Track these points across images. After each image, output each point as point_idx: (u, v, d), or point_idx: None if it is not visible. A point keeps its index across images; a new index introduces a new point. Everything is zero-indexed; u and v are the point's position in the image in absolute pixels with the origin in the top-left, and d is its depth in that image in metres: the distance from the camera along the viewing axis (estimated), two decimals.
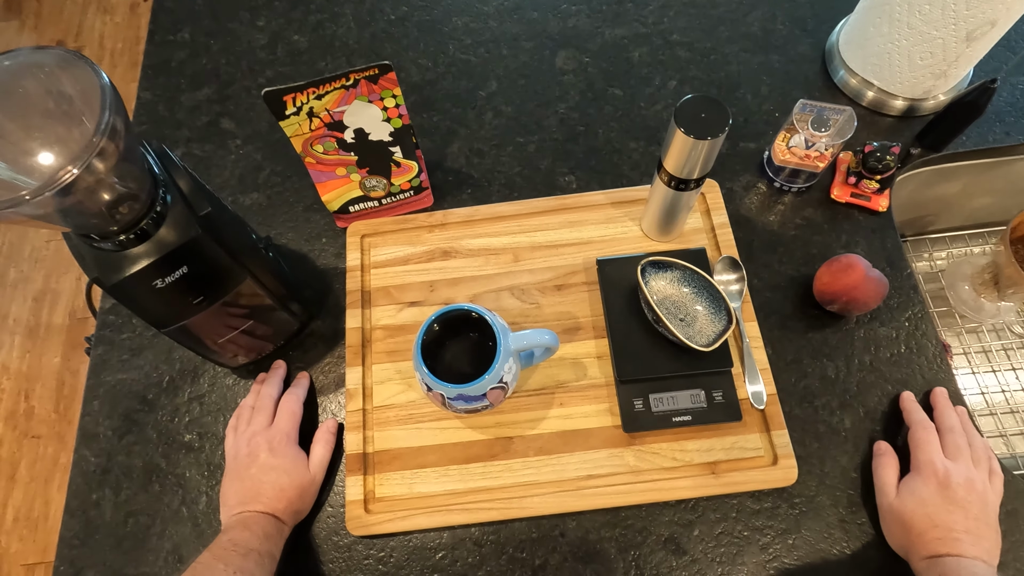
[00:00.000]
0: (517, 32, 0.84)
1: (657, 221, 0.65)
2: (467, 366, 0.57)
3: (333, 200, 0.69)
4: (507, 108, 0.79)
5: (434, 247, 0.69)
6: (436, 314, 0.55)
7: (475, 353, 0.58)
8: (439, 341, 0.57)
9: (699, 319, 0.60)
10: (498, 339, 0.53)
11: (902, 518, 0.53)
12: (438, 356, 0.57)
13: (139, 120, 0.81)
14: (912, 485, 0.54)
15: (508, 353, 0.53)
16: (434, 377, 0.52)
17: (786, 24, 0.82)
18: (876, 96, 0.75)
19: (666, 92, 0.78)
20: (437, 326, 0.55)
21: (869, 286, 0.60)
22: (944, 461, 0.54)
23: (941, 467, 0.53)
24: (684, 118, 0.51)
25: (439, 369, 0.54)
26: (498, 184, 0.74)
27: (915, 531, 0.52)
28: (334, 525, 0.60)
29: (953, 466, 0.54)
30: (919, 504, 0.53)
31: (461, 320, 0.56)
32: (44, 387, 1.59)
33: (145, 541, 0.60)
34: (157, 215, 0.48)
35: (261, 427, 0.60)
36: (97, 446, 0.64)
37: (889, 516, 0.55)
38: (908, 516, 0.53)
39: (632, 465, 0.59)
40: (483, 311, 0.54)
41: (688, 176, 0.56)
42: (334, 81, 0.56)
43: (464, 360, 0.58)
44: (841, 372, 0.63)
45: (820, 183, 0.71)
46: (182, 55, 0.85)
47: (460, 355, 0.58)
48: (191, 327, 0.55)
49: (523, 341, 0.55)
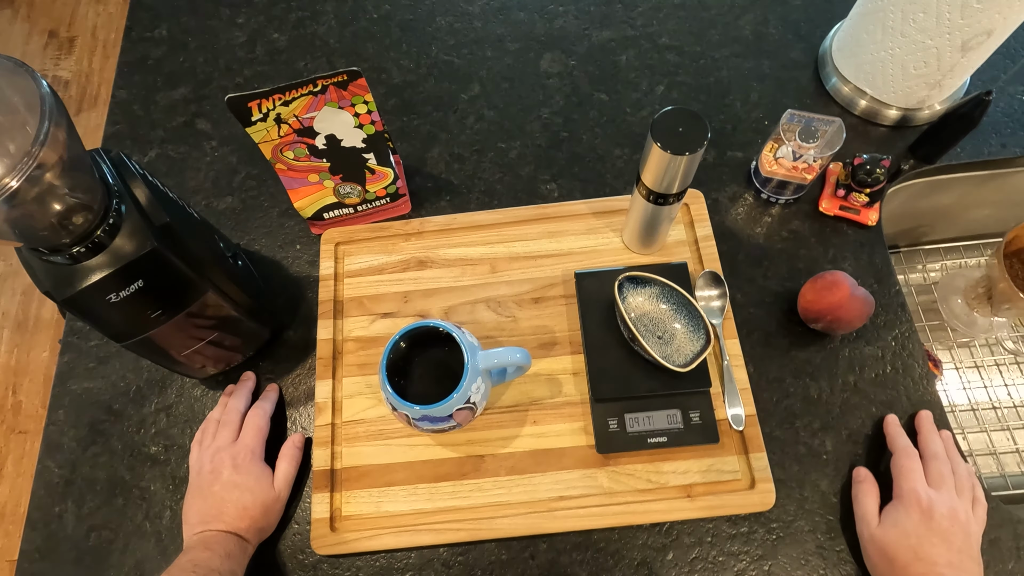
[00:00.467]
0: (502, 33, 0.81)
1: (638, 234, 0.63)
2: (435, 385, 0.56)
3: (306, 207, 0.67)
4: (489, 112, 0.77)
5: (410, 256, 0.67)
6: (402, 331, 0.53)
7: (444, 371, 0.56)
8: (407, 358, 0.55)
9: (677, 337, 0.58)
10: (466, 358, 0.51)
11: (885, 550, 0.51)
12: (406, 373, 0.55)
13: (113, 119, 0.79)
14: (895, 515, 0.52)
15: (476, 372, 0.52)
16: (398, 397, 0.50)
17: (778, 28, 0.79)
18: (869, 105, 0.73)
19: (653, 97, 0.76)
20: (404, 343, 0.54)
21: (854, 305, 0.58)
22: (928, 491, 0.52)
23: (925, 497, 0.52)
24: (661, 132, 0.49)
25: (407, 387, 0.53)
26: (478, 191, 0.72)
27: (899, 564, 0.50)
28: (299, 543, 0.58)
29: (937, 496, 0.52)
30: (902, 535, 0.51)
31: (429, 336, 0.54)
32: (32, 382, 1.58)
33: (107, 557, 0.59)
34: (110, 227, 0.46)
35: (226, 442, 0.58)
36: (61, 456, 0.63)
37: (871, 547, 0.53)
38: (891, 548, 0.51)
39: (606, 487, 0.57)
40: (451, 328, 0.53)
41: (667, 191, 0.54)
42: (301, 87, 0.54)
43: (432, 378, 0.56)
44: (824, 392, 0.61)
45: (808, 195, 0.69)
46: (159, 52, 0.83)
47: (428, 373, 0.56)
48: (152, 340, 0.53)
49: (493, 360, 0.53)
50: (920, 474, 0.54)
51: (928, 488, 0.53)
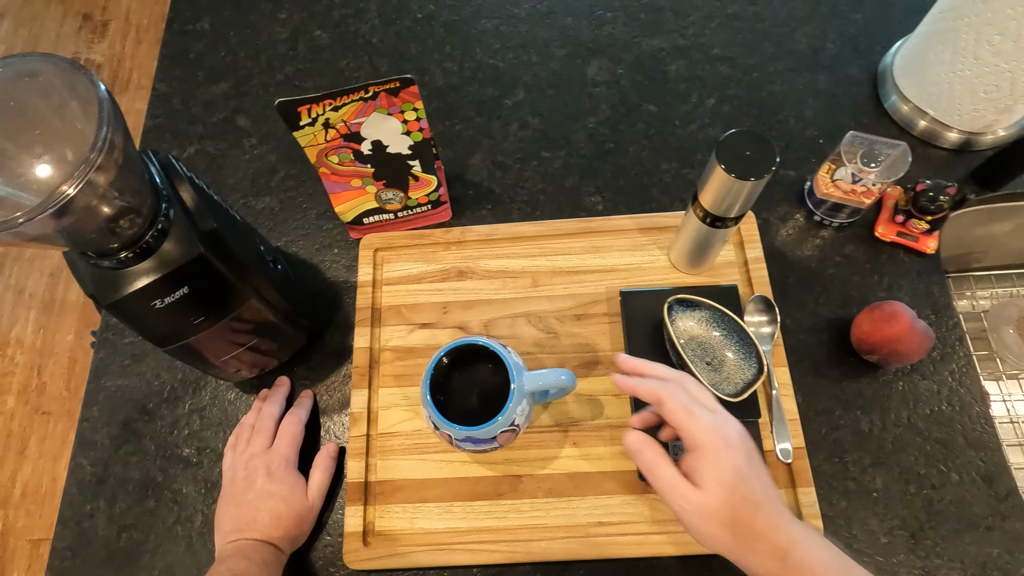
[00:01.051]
0: (549, 38, 0.79)
1: (687, 254, 0.61)
2: (477, 403, 0.54)
3: (347, 211, 0.66)
4: (534, 120, 0.75)
5: (450, 266, 0.66)
6: (446, 348, 0.52)
7: (486, 389, 0.55)
8: (448, 375, 0.54)
9: (727, 365, 0.56)
10: (512, 379, 0.50)
11: (722, 517, 0.41)
12: (447, 390, 0.54)
13: (153, 113, 0.78)
14: (707, 471, 0.41)
15: (522, 394, 0.50)
16: (442, 417, 0.49)
17: (836, 43, 0.76)
18: (929, 126, 0.70)
19: (703, 110, 0.74)
20: (447, 360, 0.52)
21: (914, 338, 0.56)
22: (707, 414, 0.43)
23: (717, 426, 0.42)
24: (726, 154, 0.47)
25: (447, 405, 0.51)
26: (520, 201, 0.71)
27: (741, 524, 0.41)
28: (331, 555, 0.57)
29: (715, 417, 0.43)
30: (731, 489, 0.41)
31: (473, 353, 0.52)
32: (56, 364, 1.59)
33: (137, 558, 0.58)
34: (159, 232, 0.45)
35: (260, 449, 0.57)
36: (94, 454, 0.63)
37: (705, 523, 0.41)
38: (729, 511, 0.41)
39: (647, 515, 0.55)
40: (497, 347, 0.51)
41: (725, 214, 0.52)
42: (352, 93, 0.52)
43: (474, 396, 0.55)
44: (876, 427, 0.59)
45: (864, 219, 0.67)
46: (200, 46, 0.82)
47: (470, 391, 0.55)
48: (193, 345, 0.52)
49: (539, 381, 0.51)
50: (694, 400, 0.44)
51: (704, 411, 0.43)
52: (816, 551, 0.40)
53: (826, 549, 0.40)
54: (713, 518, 0.41)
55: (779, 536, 0.40)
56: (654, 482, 0.43)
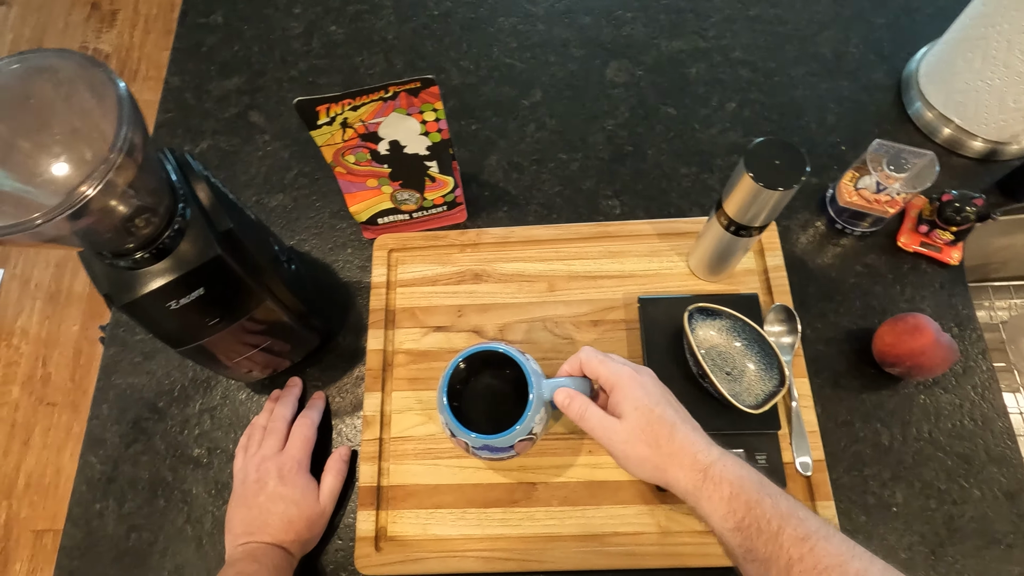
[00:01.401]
0: (567, 38, 0.78)
1: (707, 261, 0.60)
2: (495, 410, 0.54)
3: (362, 211, 0.65)
4: (551, 121, 0.74)
5: (465, 268, 0.65)
6: (464, 353, 0.51)
7: (504, 396, 0.54)
8: (466, 381, 0.53)
9: (747, 375, 0.56)
10: (530, 387, 0.49)
11: (642, 436, 0.45)
12: (464, 397, 0.53)
13: (166, 108, 0.77)
14: (620, 399, 0.46)
15: (541, 403, 0.49)
16: (459, 424, 0.48)
17: (860, 48, 0.75)
18: (953, 135, 0.69)
19: (723, 114, 0.73)
20: (465, 365, 0.52)
21: (938, 352, 0.55)
22: (619, 360, 0.49)
23: (621, 364, 0.48)
24: (755, 163, 0.46)
25: (464, 411, 0.51)
26: (536, 203, 0.70)
27: (661, 440, 0.45)
28: (342, 560, 0.57)
29: (623, 362, 0.49)
30: (646, 410, 0.45)
31: (491, 359, 0.52)
32: (62, 355, 1.59)
33: (147, 558, 0.58)
34: (175, 232, 0.45)
35: (272, 451, 0.57)
36: (103, 452, 0.62)
37: (628, 443, 0.45)
38: (647, 428, 0.45)
39: (662, 525, 0.55)
40: (516, 354, 0.50)
41: (750, 223, 0.51)
42: (372, 93, 0.51)
43: (492, 403, 0.54)
44: (896, 440, 0.58)
45: (886, 228, 0.65)
46: (213, 40, 0.81)
47: (488, 398, 0.54)
48: (206, 347, 0.52)
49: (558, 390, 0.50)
50: (608, 355, 0.50)
51: (617, 360, 0.50)
52: (733, 467, 0.43)
53: (743, 466, 0.43)
54: (638, 440, 0.45)
55: (698, 452, 0.44)
56: (585, 424, 0.48)
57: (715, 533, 0.43)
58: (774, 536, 0.39)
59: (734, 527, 0.41)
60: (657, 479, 0.45)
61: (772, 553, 0.39)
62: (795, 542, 0.39)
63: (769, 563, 0.39)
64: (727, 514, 0.41)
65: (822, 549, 0.38)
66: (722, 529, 0.42)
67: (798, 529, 0.39)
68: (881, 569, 0.37)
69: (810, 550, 0.38)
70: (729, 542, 0.42)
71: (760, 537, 0.40)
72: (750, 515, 0.41)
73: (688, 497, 0.44)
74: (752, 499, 0.41)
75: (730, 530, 0.41)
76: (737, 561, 0.42)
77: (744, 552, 0.41)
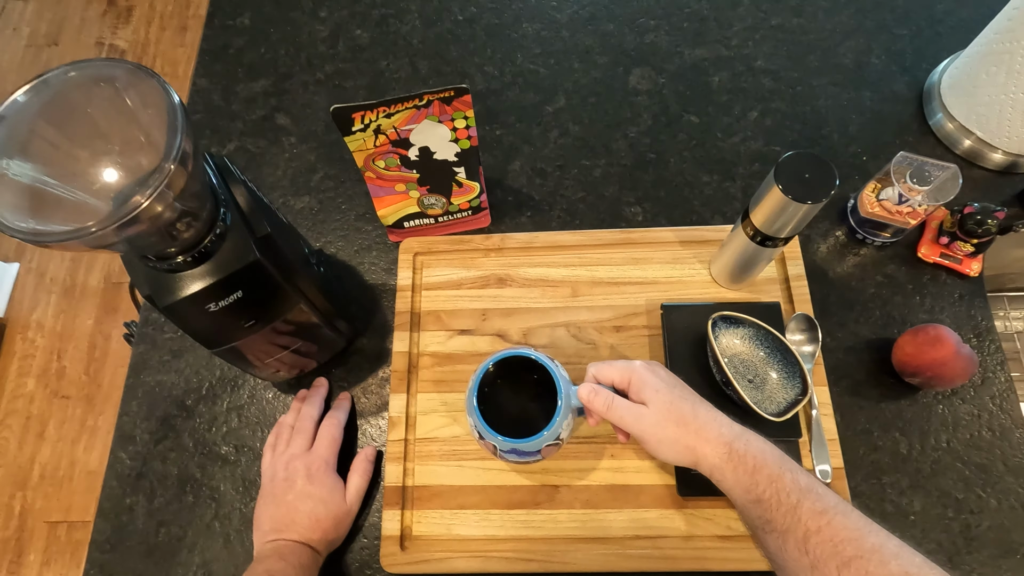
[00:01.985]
0: (590, 44, 0.79)
1: (730, 269, 0.61)
2: (523, 415, 0.55)
3: (388, 215, 0.66)
4: (574, 127, 0.75)
5: (489, 273, 0.66)
6: (495, 358, 0.52)
7: (532, 402, 0.55)
8: (495, 385, 0.54)
9: (769, 383, 0.56)
10: (559, 393, 0.50)
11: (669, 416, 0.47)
12: (493, 400, 0.54)
13: (194, 108, 0.78)
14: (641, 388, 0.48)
15: (569, 409, 0.50)
16: (488, 427, 0.49)
17: (882, 58, 0.76)
18: (973, 146, 0.69)
19: (746, 123, 0.73)
20: (494, 369, 0.52)
21: (958, 363, 0.55)
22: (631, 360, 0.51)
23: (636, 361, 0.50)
24: (785, 175, 0.47)
25: (493, 415, 0.51)
26: (559, 209, 0.71)
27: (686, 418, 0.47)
28: (367, 558, 0.58)
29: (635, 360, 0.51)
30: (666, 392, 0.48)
31: (520, 365, 0.53)
32: (76, 348, 1.60)
33: (176, 554, 0.59)
34: (216, 237, 0.46)
35: (300, 450, 0.58)
36: (133, 449, 0.63)
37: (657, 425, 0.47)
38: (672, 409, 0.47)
39: (683, 530, 0.56)
40: (546, 360, 0.51)
41: (776, 234, 0.52)
42: (407, 101, 0.52)
43: (519, 407, 0.55)
44: (915, 449, 0.59)
45: (906, 239, 0.66)
46: (240, 42, 0.82)
47: (516, 402, 0.55)
48: (240, 348, 0.53)
49: None
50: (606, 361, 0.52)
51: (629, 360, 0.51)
52: (756, 441, 0.45)
53: (764, 442, 0.45)
54: (666, 420, 0.47)
55: (722, 427, 0.46)
56: (613, 414, 0.49)
57: (736, 506, 0.45)
58: (793, 509, 0.41)
59: (755, 499, 0.43)
60: (687, 458, 0.46)
61: (790, 525, 0.41)
62: (813, 515, 0.40)
63: (787, 534, 0.41)
64: (750, 486, 0.43)
65: (839, 523, 0.40)
66: (744, 501, 0.44)
67: (816, 503, 0.41)
68: (897, 545, 0.39)
69: (828, 523, 0.40)
70: (749, 514, 0.44)
71: (779, 509, 0.41)
72: (771, 488, 0.42)
73: (715, 471, 0.45)
74: (773, 473, 0.43)
75: (751, 502, 0.43)
76: (755, 533, 0.44)
77: (763, 523, 0.42)
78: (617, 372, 0.50)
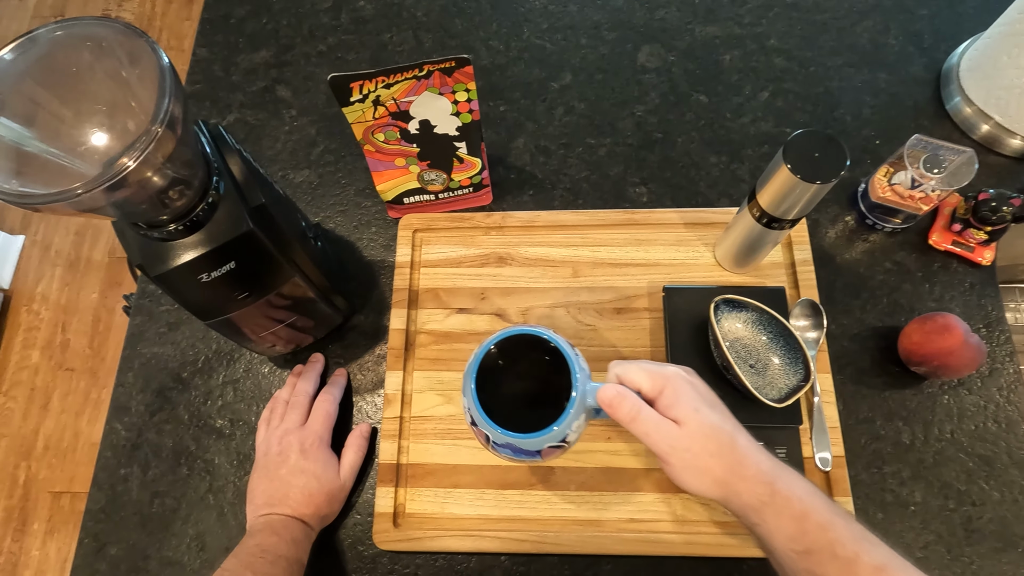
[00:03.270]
0: (599, 20, 0.77)
1: (735, 252, 0.59)
2: (526, 405, 0.50)
3: (388, 190, 0.65)
4: (580, 105, 0.73)
5: (489, 251, 0.65)
6: (502, 334, 0.46)
7: (539, 391, 0.50)
8: (497, 365, 0.48)
9: (771, 369, 0.55)
10: (574, 385, 0.43)
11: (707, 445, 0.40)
12: (492, 383, 0.46)
13: (193, 79, 0.77)
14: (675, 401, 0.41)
15: (583, 407, 0.44)
16: (484, 413, 0.45)
17: (900, 39, 0.73)
18: (991, 131, 0.67)
19: (756, 104, 0.72)
20: (498, 348, 0.47)
21: (966, 353, 0.54)
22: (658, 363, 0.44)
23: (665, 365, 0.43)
24: (794, 154, 0.45)
25: (490, 400, 0.45)
26: (562, 188, 0.69)
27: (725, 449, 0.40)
28: (360, 534, 0.58)
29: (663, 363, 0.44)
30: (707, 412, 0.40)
31: (531, 346, 0.46)
32: (80, 321, 1.61)
33: (170, 524, 0.59)
34: (208, 206, 0.45)
35: (294, 425, 0.57)
36: (128, 420, 0.63)
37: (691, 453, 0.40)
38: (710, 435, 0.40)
39: (679, 514, 0.55)
40: (564, 345, 0.45)
41: (783, 215, 0.50)
42: (407, 71, 0.51)
43: (523, 396, 0.51)
44: (918, 439, 0.58)
45: (917, 225, 0.64)
46: (242, 12, 0.81)
47: (520, 389, 0.51)
48: (234, 320, 0.52)
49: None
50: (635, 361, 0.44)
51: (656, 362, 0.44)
52: (798, 481, 0.40)
53: (804, 480, 0.40)
54: (701, 447, 0.40)
55: (761, 462, 0.40)
56: (638, 427, 0.41)
57: (772, 553, 0.39)
58: (849, 563, 0.36)
59: (803, 550, 0.37)
60: (714, 492, 0.40)
61: None
62: (872, 571, 0.36)
63: None
64: (796, 535, 0.37)
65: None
66: (786, 550, 0.38)
67: (873, 556, 0.36)
68: None
69: None
70: (793, 565, 0.38)
71: (834, 563, 0.37)
72: (824, 538, 0.37)
73: (749, 513, 0.39)
74: (824, 520, 0.38)
75: (797, 552, 0.37)
76: None
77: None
78: (647, 377, 0.42)
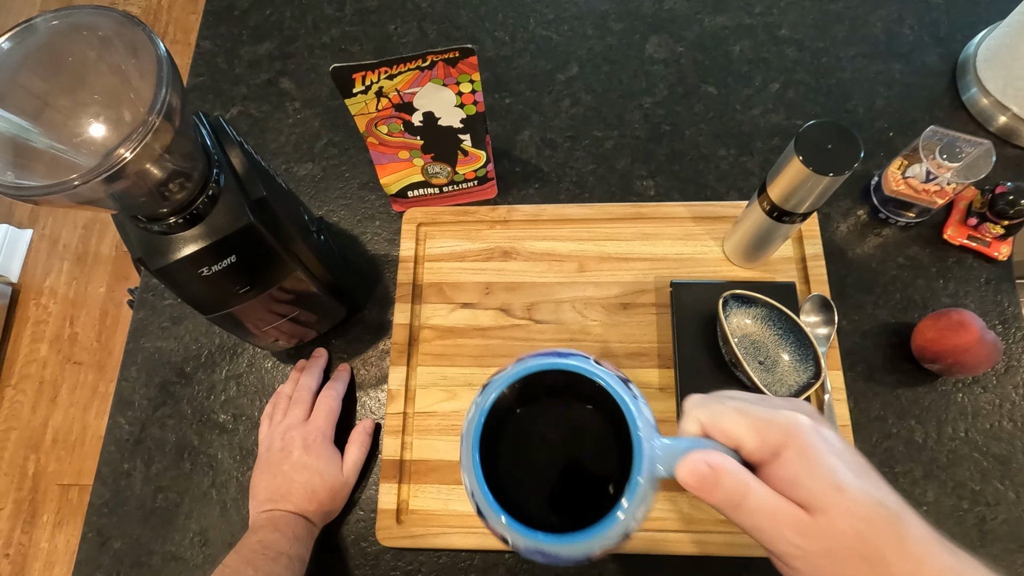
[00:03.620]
0: (606, 10, 0.76)
1: (744, 247, 0.58)
2: (558, 477, 0.33)
3: (392, 183, 0.64)
4: (587, 96, 0.72)
5: (494, 245, 0.64)
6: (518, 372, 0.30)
7: (578, 452, 0.33)
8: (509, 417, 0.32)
9: (781, 366, 0.54)
10: (636, 451, 0.27)
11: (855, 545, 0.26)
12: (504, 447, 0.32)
13: (197, 71, 0.77)
14: (803, 474, 0.27)
15: (652, 480, 0.28)
16: (496, 505, 0.28)
17: (915, 28, 0.72)
18: (1009, 123, 0.65)
19: (767, 95, 0.70)
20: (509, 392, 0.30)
21: (982, 350, 0.53)
22: (770, 403, 0.30)
23: (782, 408, 0.29)
24: (806, 146, 0.44)
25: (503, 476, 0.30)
26: (568, 181, 0.68)
27: (886, 547, 0.26)
28: (363, 530, 0.57)
29: (775, 401, 0.31)
30: (857, 492, 0.26)
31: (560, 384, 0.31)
32: (88, 315, 1.62)
33: (173, 519, 0.59)
34: (209, 199, 0.44)
35: (297, 421, 0.57)
36: (132, 414, 0.63)
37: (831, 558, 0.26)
38: (863, 529, 0.26)
39: (685, 513, 0.54)
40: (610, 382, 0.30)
41: (794, 209, 0.49)
42: (410, 62, 0.50)
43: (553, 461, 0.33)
44: (930, 438, 0.56)
45: (931, 219, 0.63)
46: (245, 3, 0.80)
47: (547, 455, 0.33)
48: (235, 314, 0.51)
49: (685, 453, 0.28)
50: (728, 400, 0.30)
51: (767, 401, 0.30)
52: None
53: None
54: (852, 552, 0.26)
55: (940, 559, 0.27)
56: (745, 517, 0.27)
57: None
58: None
59: None
60: None
61: None
62: None
63: None
64: None
65: None
66: None
67: None
68: None
69: None
70: None
71: None
72: None
73: None
74: None
75: None
76: None
77: None
78: (751, 429, 0.28)
